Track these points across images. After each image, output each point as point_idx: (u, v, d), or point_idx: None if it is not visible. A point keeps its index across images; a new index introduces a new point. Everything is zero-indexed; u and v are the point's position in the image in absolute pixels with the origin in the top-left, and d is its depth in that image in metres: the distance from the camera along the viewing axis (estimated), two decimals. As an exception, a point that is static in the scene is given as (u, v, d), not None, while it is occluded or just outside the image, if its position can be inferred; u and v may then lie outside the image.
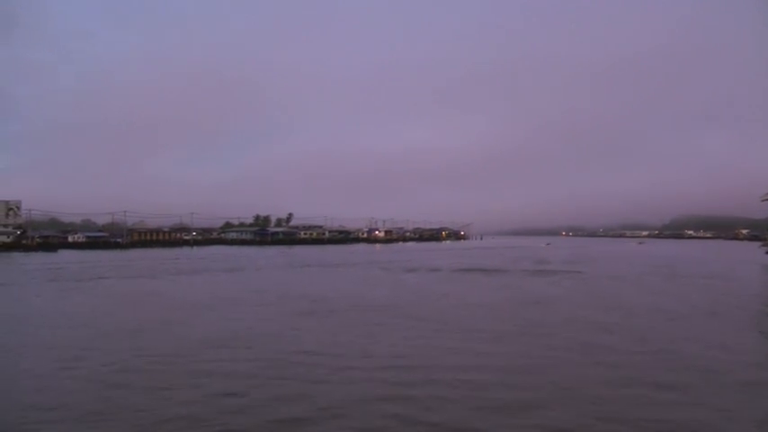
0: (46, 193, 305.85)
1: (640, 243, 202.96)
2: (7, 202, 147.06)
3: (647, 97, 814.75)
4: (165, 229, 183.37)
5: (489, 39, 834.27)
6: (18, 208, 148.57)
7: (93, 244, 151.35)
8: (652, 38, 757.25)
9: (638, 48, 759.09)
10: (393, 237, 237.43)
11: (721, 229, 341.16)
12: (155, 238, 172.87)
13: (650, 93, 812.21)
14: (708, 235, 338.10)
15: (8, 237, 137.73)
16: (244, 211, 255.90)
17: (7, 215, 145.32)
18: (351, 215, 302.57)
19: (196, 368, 15.71)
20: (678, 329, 22.12)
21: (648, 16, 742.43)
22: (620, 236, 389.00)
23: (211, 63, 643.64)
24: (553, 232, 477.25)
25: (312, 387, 13.86)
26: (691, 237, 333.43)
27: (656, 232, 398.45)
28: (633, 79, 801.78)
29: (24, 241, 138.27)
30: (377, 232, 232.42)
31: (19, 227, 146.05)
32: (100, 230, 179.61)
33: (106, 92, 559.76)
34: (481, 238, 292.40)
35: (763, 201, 73.97)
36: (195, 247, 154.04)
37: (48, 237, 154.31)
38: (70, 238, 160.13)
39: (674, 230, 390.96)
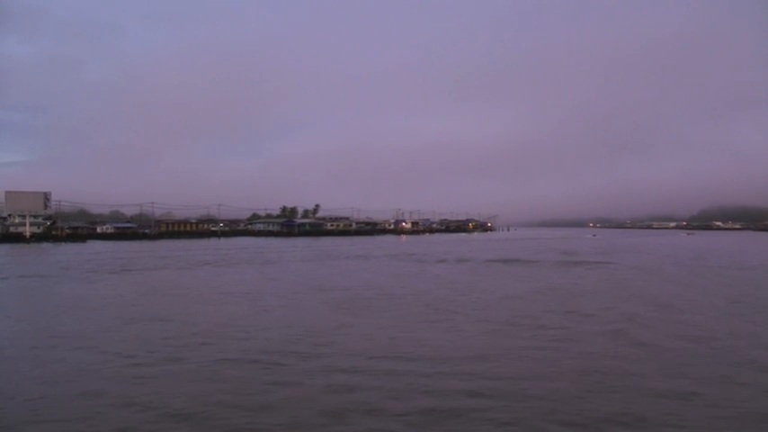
0: (75, 184, 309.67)
1: (689, 234, 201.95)
2: (45, 194, 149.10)
3: (674, 85, 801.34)
4: (193, 221, 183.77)
5: (511, 30, 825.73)
6: (48, 199, 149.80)
7: (121, 235, 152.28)
8: (679, 22, 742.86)
9: (665, 33, 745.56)
10: (419, 228, 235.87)
11: (750, 220, 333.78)
12: (182, 229, 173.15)
13: (678, 80, 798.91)
14: (736, 226, 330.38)
15: (38, 227, 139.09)
16: (270, 203, 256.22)
17: (45, 206, 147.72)
18: (377, 207, 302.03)
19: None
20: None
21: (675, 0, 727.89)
22: (648, 227, 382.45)
23: (239, 56, 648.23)
24: (580, 224, 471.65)
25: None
26: (719, 228, 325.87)
27: (684, 223, 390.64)
28: (660, 66, 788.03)
29: (54, 232, 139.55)
30: (403, 224, 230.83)
31: (48, 217, 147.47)
32: (128, 221, 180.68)
33: (134, 85, 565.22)
34: (508, 230, 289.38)
35: None
36: (222, 239, 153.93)
37: (77, 228, 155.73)
38: (99, 229, 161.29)
39: (702, 222, 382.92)
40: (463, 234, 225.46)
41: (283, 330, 20.05)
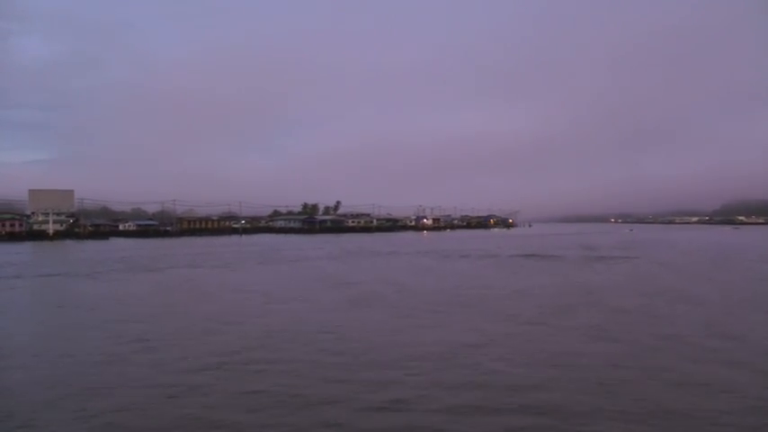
0: (96, 182, 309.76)
1: (735, 228, 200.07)
2: (72, 191, 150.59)
3: (695, 79, 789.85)
4: (214, 218, 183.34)
5: (529, 26, 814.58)
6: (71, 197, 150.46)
7: (143, 232, 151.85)
8: (701, 14, 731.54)
9: (686, 25, 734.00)
10: (440, 224, 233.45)
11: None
12: (203, 226, 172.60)
13: (698, 73, 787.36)
14: (760, 221, 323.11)
15: (61, 225, 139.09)
16: (291, 200, 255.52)
17: (73, 204, 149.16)
18: (398, 203, 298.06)
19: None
20: None
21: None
22: (670, 222, 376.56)
23: (258, 55, 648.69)
24: (601, 219, 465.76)
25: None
26: (743, 223, 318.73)
27: (707, 218, 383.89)
28: (680, 59, 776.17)
29: (76, 229, 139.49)
30: (424, 220, 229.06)
31: (71, 215, 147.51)
32: (150, 219, 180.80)
33: (154, 84, 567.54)
34: (530, 226, 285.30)
35: None
36: (244, 236, 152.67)
37: (99, 225, 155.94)
38: (121, 227, 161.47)
39: (725, 216, 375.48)
40: (495, 230, 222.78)
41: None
